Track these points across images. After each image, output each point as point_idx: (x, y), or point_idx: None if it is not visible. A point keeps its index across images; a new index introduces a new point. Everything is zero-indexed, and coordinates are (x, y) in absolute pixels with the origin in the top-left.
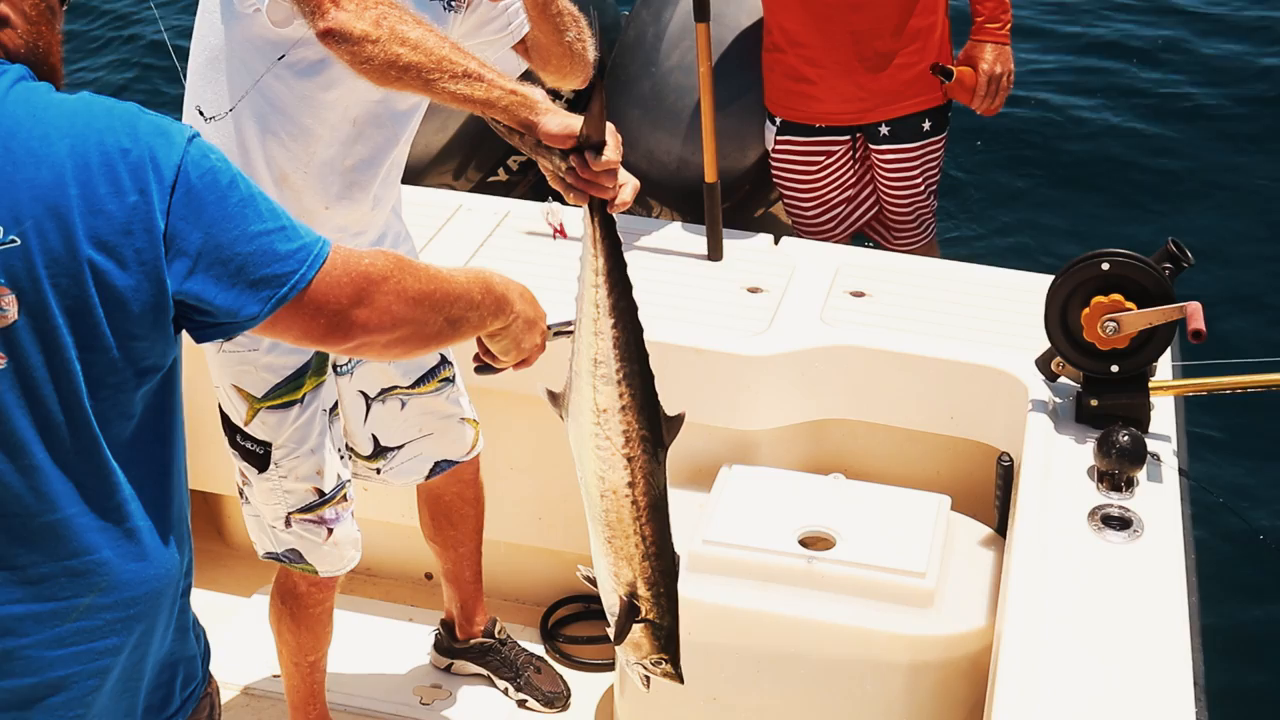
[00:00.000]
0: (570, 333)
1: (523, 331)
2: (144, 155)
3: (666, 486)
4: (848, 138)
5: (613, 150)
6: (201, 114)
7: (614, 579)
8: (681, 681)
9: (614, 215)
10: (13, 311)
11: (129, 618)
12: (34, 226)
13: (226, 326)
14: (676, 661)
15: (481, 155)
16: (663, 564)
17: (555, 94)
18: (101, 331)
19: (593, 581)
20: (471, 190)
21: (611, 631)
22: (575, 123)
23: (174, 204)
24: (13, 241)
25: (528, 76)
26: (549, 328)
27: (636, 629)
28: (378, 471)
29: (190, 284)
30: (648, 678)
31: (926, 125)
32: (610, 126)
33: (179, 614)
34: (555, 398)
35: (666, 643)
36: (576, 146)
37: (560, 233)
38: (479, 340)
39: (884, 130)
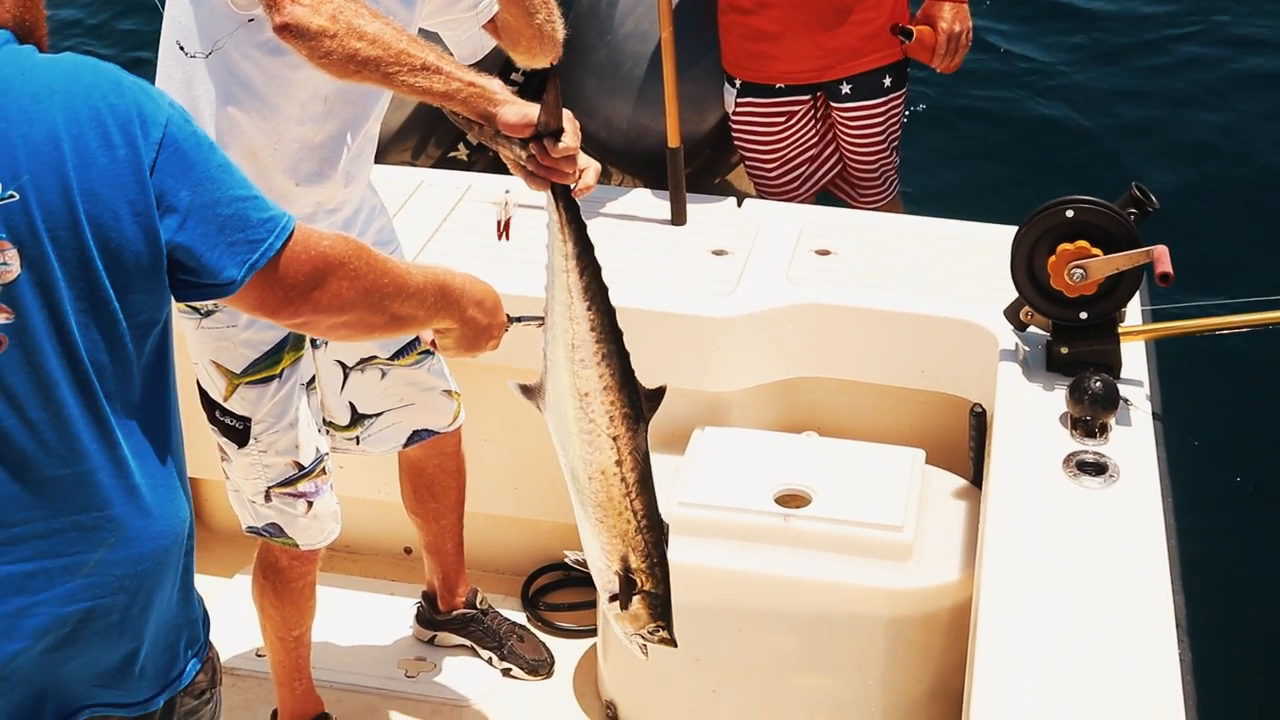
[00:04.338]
0: (534, 322)
1: (470, 337)
2: (131, 111)
3: (650, 459)
4: (808, 97)
5: (570, 137)
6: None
7: (607, 557)
8: (675, 645)
9: (577, 199)
10: (15, 266)
11: (138, 574)
12: (31, 181)
13: (206, 289)
14: (671, 626)
15: (440, 132)
16: (654, 534)
17: (510, 70)
18: (100, 284)
19: (582, 564)
20: (432, 167)
21: (615, 607)
22: (532, 111)
23: (161, 160)
24: (11, 196)
25: (492, 59)
26: (511, 320)
27: (635, 601)
28: (356, 441)
29: (181, 237)
30: (645, 646)
31: (887, 81)
32: (567, 113)
33: (183, 574)
34: (529, 390)
35: (662, 610)
36: (535, 135)
37: (505, 233)
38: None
39: (845, 88)
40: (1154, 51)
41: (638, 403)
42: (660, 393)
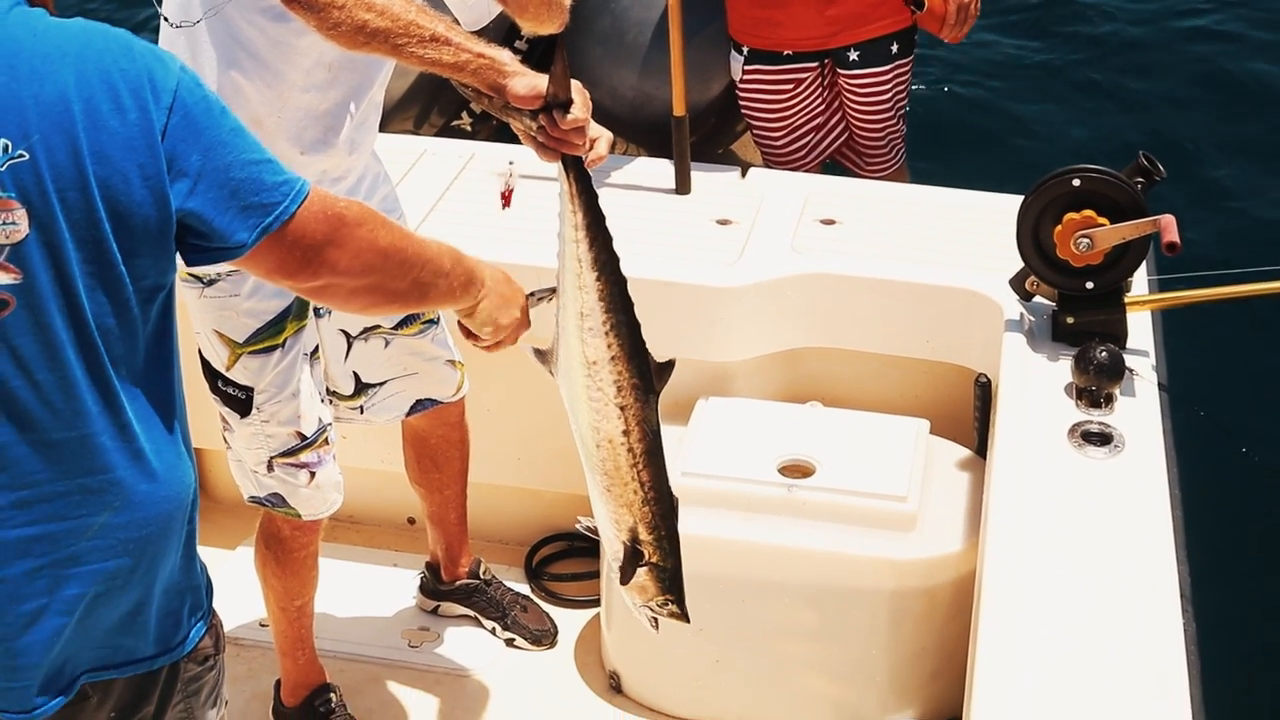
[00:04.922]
0: (550, 294)
1: (497, 307)
2: (142, 75)
3: (660, 431)
4: (816, 64)
5: (580, 108)
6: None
7: (615, 526)
8: (688, 620)
9: (589, 170)
10: (24, 225)
11: (143, 538)
12: (41, 141)
13: (216, 252)
14: (682, 601)
15: (443, 101)
16: (662, 507)
17: (514, 37)
18: (108, 247)
19: (593, 531)
20: (435, 136)
21: (617, 577)
22: (542, 83)
23: (171, 125)
24: (21, 156)
25: (495, 25)
26: (528, 296)
27: (641, 573)
28: (360, 410)
29: (192, 202)
30: (655, 619)
31: (894, 48)
32: (577, 84)
33: (187, 539)
34: (543, 355)
35: (671, 584)
36: (544, 106)
37: (506, 202)
38: (459, 322)
39: (853, 55)
40: (1161, 21)
41: (647, 374)
42: (670, 365)
